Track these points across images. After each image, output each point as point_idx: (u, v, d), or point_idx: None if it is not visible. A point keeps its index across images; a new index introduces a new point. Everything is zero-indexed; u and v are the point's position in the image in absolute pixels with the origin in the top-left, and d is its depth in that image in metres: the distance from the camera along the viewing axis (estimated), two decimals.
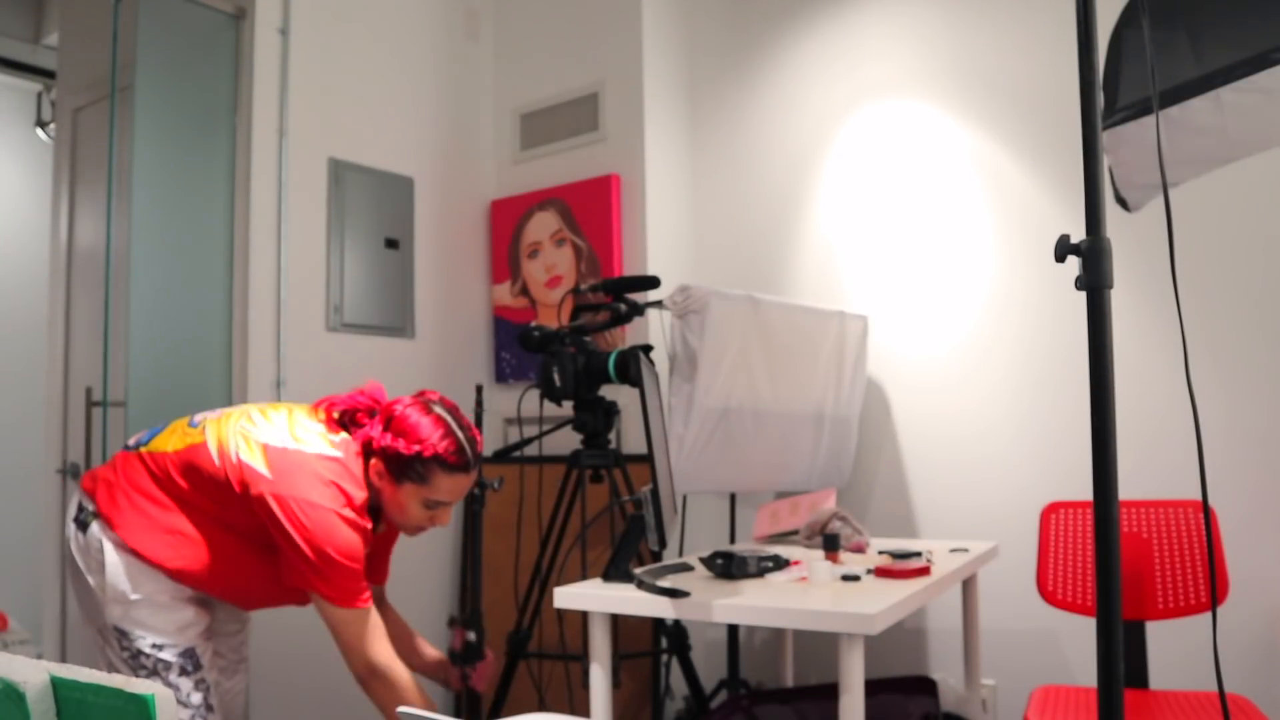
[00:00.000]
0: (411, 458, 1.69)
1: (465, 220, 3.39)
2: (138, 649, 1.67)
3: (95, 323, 2.69)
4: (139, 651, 1.68)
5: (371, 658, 1.70)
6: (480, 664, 1.99)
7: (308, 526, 1.62)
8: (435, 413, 1.74)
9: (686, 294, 2.29)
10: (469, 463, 1.73)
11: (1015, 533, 2.71)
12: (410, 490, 1.72)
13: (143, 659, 1.68)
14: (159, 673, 1.67)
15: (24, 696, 0.64)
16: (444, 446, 1.70)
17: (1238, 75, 1.50)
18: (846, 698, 1.51)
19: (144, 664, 1.68)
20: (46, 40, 3.82)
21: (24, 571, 3.97)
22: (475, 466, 1.76)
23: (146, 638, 1.67)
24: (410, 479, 1.71)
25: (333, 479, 1.67)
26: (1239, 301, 2.45)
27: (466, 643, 1.97)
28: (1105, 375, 1.13)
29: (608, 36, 3.23)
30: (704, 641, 3.18)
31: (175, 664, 1.68)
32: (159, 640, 1.68)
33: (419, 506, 1.75)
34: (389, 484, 1.73)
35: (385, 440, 1.70)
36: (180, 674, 1.68)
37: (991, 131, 2.82)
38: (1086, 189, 1.16)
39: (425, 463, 1.69)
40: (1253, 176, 2.43)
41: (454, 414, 1.76)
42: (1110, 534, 1.11)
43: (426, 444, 1.69)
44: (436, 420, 1.72)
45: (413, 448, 1.69)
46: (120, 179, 2.53)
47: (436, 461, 1.70)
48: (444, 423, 1.73)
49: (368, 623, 1.69)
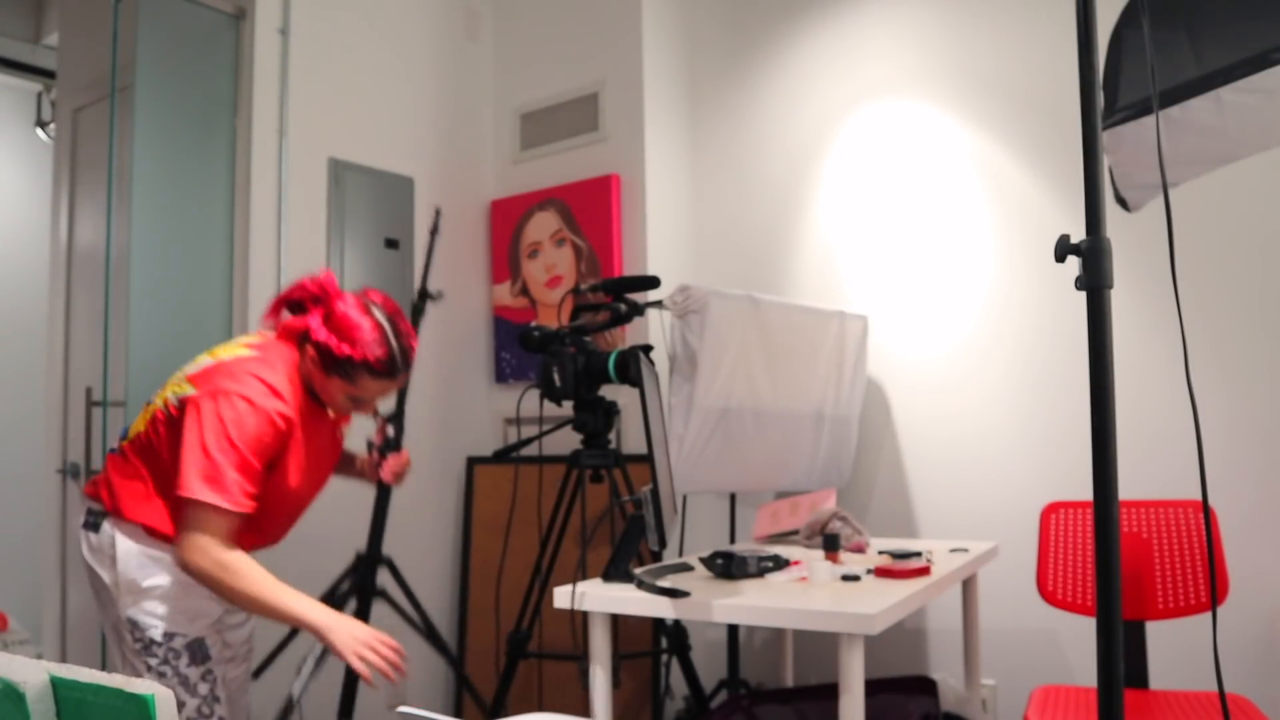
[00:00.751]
0: (342, 358, 1.73)
1: (465, 220, 3.39)
2: (150, 639, 1.72)
3: (95, 323, 2.69)
4: (151, 641, 1.72)
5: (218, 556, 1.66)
6: (393, 455, 2.10)
7: (215, 416, 1.64)
8: (374, 316, 1.76)
9: (686, 294, 2.29)
10: (396, 370, 1.77)
11: (1015, 533, 2.72)
12: (337, 384, 1.77)
13: (154, 649, 1.72)
14: (169, 661, 1.72)
15: (24, 696, 0.64)
16: (375, 354, 1.73)
17: (1238, 75, 1.50)
18: (846, 698, 1.51)
19: (155, 653, 1.72)
20: (46, 40, 3.82)
21: (24, 571, 3.97)
22: (404, 371, 1.79)
23: (158, 627, 1.72)
24: (338, 374, 1.75)
25: (249, 371, 1.70)
26: (1239, 301, 2.45)
27: (386, 437, 2.15)
28: (1105, 375, 1.13)
29: (608, 36, 3.23)
30: (704, 641, 3.18)
31: (185, 653, 1.73)
32: (171, 629, 1.72)
33: (344, 398, 1.79)
34: (319, 372, 1.77)
35: (321, 335, 1.74)
36: (190, 663, 1.73)
37: (991, 131, 2.82)
38: (1086, 189, 1.16)
39: (354, 365, 1.73)
40: (1253, 176, 2.43)
41: (393, 320, 1.79)
42: (1110, 534, 1.11)
43: (358, 348, 1.72)
44: (374, 325, 1.75)
45: (344, 349, 1.72)
46: (120, 179, 2.53)
47: (365, 366, 1.73)
48: (380, 329, 1.75)
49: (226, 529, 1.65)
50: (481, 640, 3.08)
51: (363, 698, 2.83)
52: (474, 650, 3.08)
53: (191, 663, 1.73)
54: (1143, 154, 1.64)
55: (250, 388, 1.68)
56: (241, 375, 1.70)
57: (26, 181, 4.23)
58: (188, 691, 1.73)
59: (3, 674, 0.65)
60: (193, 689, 1.73)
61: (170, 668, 1.71)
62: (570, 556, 2.95)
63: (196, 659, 1.74)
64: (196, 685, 1.73)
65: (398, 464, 2.11)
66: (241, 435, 1.65)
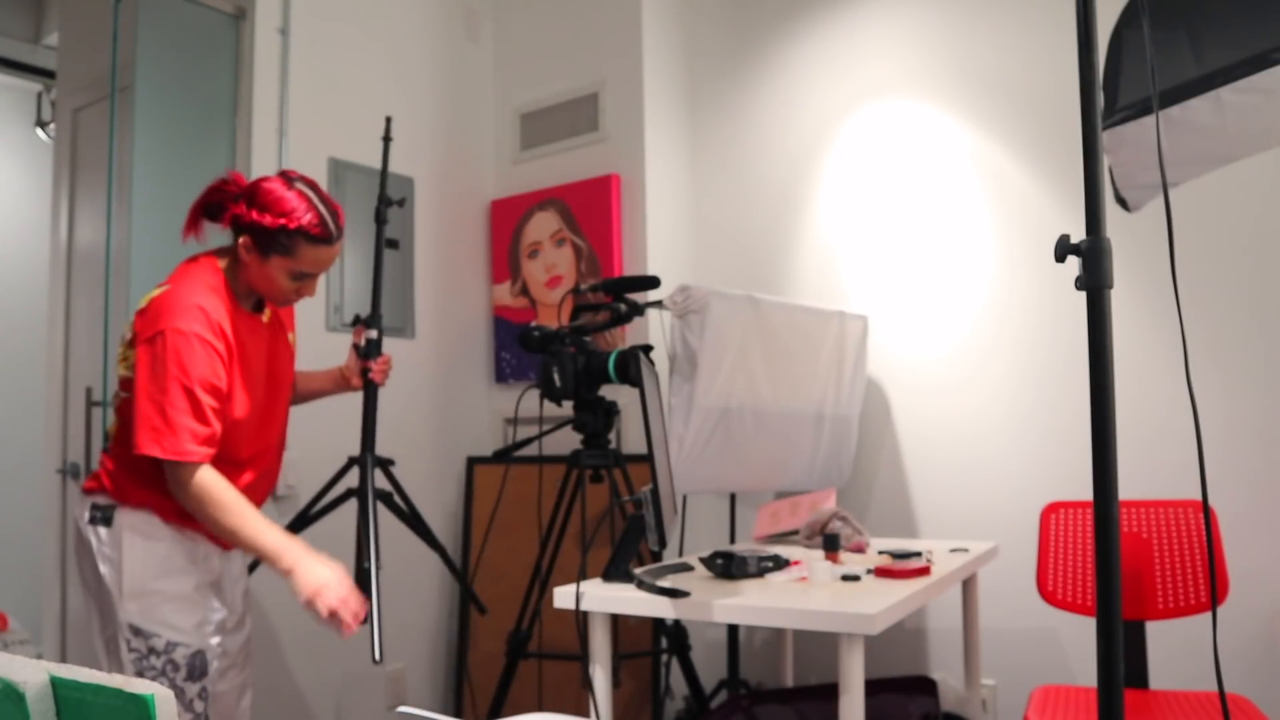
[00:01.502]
0: (276, 230, 1.72)
1: (465, 220, 3.39)
2: (150, 647, 1.70)
3: (95, 323, 2.69)
4: (151, 650, 1.70)
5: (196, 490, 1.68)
6: (379, 358, 2.19)
7: (146, 364, 1.65)
8: (297, 188, 1.77)
9: (686, 294, 2.29)
10: (332, 234, 1.78)
11: (1015, 533, 2.72)
12: (277, 263, 1.76)
13: (153, 658, 1.70)
14: (166, 673, 1.70)
15: (24, 696, 0.63)
16: (308, 220, 1.74)
17: (1238, 75, 1.50)
18: (846, 698, 1.51)
19: (153, 664, 1.70)
20: (46, 40, 3.82)
21: (24, 571, 3.97)
22: (339, 239, 1.80)
23: (161, 635, 1.70)
24: (277, 251, 1.74)
25: (163, 306, 1.69)
26: (1239, 301, 2.45)
27: (368, 340, 2.18)
28: (1105, 375, 1.13)
29: (608, 37, 3.23)
30: (704, 641, 3.18)
31: (184, 666, 1.71)
32: (174, 639, 1.71)
33: (286, 278, 1.78)
34: (256, 258, 1.76)
35: (251, 215, 1.73)
36: (188, 678, 1.71)
37: (991, 131, 2.82)
38: (1086, 189, 1.16)
39: (290, 235, 1.73)
40: (1253, 176, 2.43)
41: (315, 189, 1.80)
42: (1110, 534, 1.11)
43: (291, 217, 1.73)
44: (299, 195, 1.76)
45: (279, 221, 1.72)
46: (120, 179, 2.53)
47: (301, 233, 1.74)
48: (306, 197, 1.76)
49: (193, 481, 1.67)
50: (481, 640, 3.08)
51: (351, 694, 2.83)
52: (474, 650, 3.08)
53: (189, 678, 1.71)
54: (1143, 154, 1.64)
55: (169, 320, 1.66)
56: (157, 313, 1.69)
57: (26, 181, 4.23)
58: (182, 706, 1.70)
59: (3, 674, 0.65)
60: (188, 704, 1.71)
61: (167, 680, 1.69)
62: (570, 557, 2.95)
63: (194, 674, 1.72)
64: (192, 702, 1.71)
65: (385, 364, 2.19)
66: (179, 372, 1.64)
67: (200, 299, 1.71)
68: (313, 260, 1.77)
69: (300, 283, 1.81)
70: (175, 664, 1.70)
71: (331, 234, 1.77)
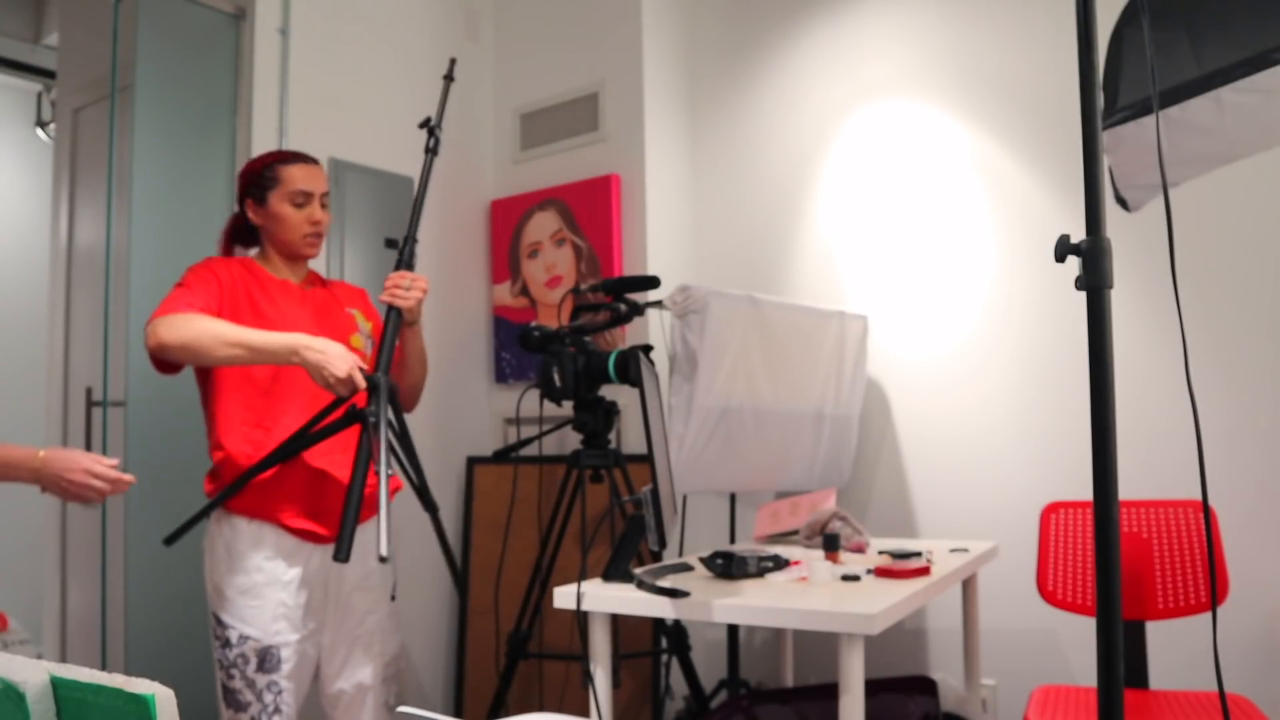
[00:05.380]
0: (260, 171, 1.97)
1: (465, 220, 3.39)
2: (226, 638, 1.83)
3: (95, 323, 2.68)
4: (226, 641, 1.83)
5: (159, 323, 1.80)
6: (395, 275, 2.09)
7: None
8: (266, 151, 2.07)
9: (686, 294, 2.29)
10: (303, 155, 2.01)
11: (1015, 533, 2.71)
12: (275, 199, 1.96)
13: (228, 651, 1.82)
14: (238, 665, 1.81)
15: (24, 696, 0.64)
16: (275, 155, 2.00)
17: (1238, 75, 1.50)
18: (846, 698, 1.51)
19: (227, 655, 1.82)
20: (46, 40, 3.82)
21: (24, 571, 3.97)
22: (314, 161, 2.01)
23: (235, 628, 1.82)
24: (268, 188, 1.95)
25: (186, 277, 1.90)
26: (1239, 301, 2.45)
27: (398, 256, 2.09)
28: (1105, 375, 1.13)
29: (608, 36, 3.23)
30: (704, 641, 3.18)
31: (254, 659, 1.81)
32: (246, 632, 1.82)
33: (289, 208, 1.96)
34: (261, 211, 1.97)
35: (243, 184, 1.99)
36: (258, 669, 1.81)
37: (991, 131, 2.82)
38: (1086, 189, 1.16)
39: (269, 167, 1.97)
40: (1252, 176, 2.43)
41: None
42: (1110, 534, 1.11)
43: (261, 158, 1.99)
44: (268, 152, 2.03)
45: (255, 164, 1.99)
46: (120, 179, 2.53)
47: (276, 162, 1.97)
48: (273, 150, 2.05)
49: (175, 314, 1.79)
50: (481, 640, 3.08)
51: None
52: (474, 650, 3.08)
53: (259, 669, 1.81)
54: (1143, 154, 1.64)
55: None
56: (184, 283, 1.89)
57: (26, 181, 4.23)
58: (252, 694, 1.81)
59: (3, 674, 0.65)
60: (257, 694, 1.81)
61: (238, 670, 1.81)
62: (570, 557, 2.95)
63: (265, 667, 1.81)
64: (262, 692, 1.81)
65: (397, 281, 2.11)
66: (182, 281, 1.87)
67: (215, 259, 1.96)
68: (300, 178, 1.96)
69: (305, 210, 1.96)
70: (245, 656, 1.81)
71: (302, 155, 2.00)
